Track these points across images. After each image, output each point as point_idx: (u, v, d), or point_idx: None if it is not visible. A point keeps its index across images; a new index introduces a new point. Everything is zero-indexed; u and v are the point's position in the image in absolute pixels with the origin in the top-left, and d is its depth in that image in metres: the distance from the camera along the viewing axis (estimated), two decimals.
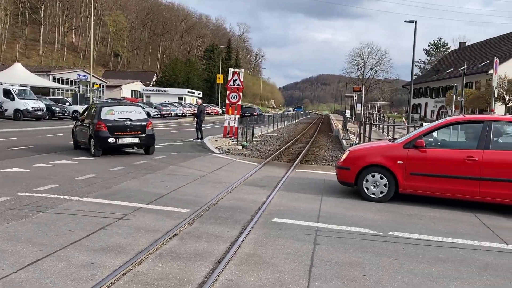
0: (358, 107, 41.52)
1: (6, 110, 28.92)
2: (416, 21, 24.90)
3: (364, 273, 4.37)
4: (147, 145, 13.00)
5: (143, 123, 12.67)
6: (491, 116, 7.68)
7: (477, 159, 7.08)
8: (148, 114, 42.59)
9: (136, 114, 12.82)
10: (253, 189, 8.41)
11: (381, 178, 7.69)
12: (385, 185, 7.69)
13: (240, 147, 16.68)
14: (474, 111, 47.06)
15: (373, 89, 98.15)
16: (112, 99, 50.51)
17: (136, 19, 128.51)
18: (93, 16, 54.83)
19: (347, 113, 47.38)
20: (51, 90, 49.82)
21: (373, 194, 7.77)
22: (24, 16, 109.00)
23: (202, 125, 19.66)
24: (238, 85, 20.20)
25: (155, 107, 44.35)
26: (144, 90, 72.46)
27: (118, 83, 76.35)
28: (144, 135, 12.57)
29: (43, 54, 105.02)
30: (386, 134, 24.59)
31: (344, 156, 8.39)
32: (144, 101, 61.99)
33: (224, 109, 67.85)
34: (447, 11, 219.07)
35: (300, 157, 14.39)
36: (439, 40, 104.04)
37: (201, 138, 19.01)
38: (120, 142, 12.25)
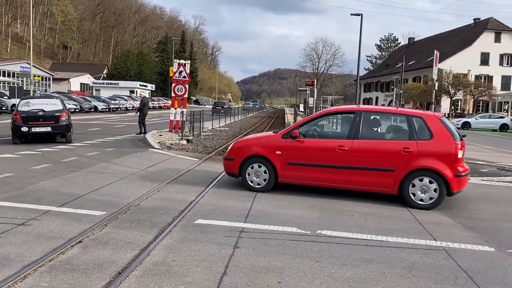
0: (311, 101, 41.75)
1: None
2: (362, 14, 25.03)
3: (281, 280, 3.98)
4: (62, 134, 14.22)
5: (56, 114, 13.75)
6: (361, 107, 7.83)
7: (346, 148, 7.17)
8: (95, 108, 40.94)
9: (50, 105, 14.06)
10: (185, 188, 7.89)
11: (261, 167, 7.77)
12: (265, 174, 7.76)
13: (185, 142, 16.05)
14: (422, 104, 48.59)
15: (327, 84, 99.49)
16: (57, 92, 48.12)
17: (86, 9, 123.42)
18: (32, 5, 52.00)
19: (301, 107, 47.58)
20: (16, 84, 46.77)
21: (257, 184, 7.80)
22: None
23: (146, 119, 18.83)
24: (184, 77, 19.50)
25: (103, 101, 42.51)
26: (93, 83, 69.77)
27: (66, 76, 73.04)
28: (57, 124, 13.71)
29: None
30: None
31: (229, 147, 8.48)
32: (94, 94, 59.60)
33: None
34: (398, 7, 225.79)
35: None
36: (390, 35, 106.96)
37: (144, 132, 18.19)
38: (32, 130, 13.43)
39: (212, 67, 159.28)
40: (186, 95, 19.55)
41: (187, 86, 19.60)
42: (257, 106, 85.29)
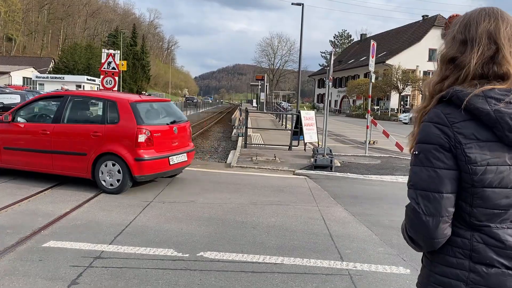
0: (262, 95, 40.88)
1: None
2: (302, 4, 24.20)
3: None
4: None
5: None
6: (70, 92, 8.37)
7: (48, 132, 7.09)
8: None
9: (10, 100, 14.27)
10: (67, 195, 6.56)
11: None
12: None
13: None
14: (373, 99, 48.86)
15: (283, 79, 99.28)
16: None
17: (32, 0, 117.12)
18: None
19: (254, 102, 46.68)
20: None
21: None
22: None
23: None
24: (114, 68, 17.88)
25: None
26: (37, 77, 65.77)
27: (7, 69, 68.62)
28: None
29: None
30: (281, 123, 23.87)
31: None
32: (37, 89, 56.08)
33: None
34: (353, 5, 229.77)
35: None
36: (344, 32, 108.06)
37: None
38: None
39: (168, 62, 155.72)
40: (116, 88, 17.97)
41: (117, 78, 18.02)
42: (211, 101, 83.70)
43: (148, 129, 6.76)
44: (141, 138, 6.68)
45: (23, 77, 68.61)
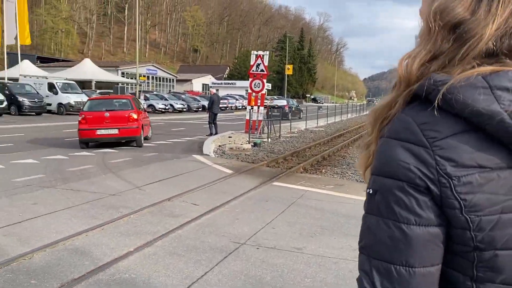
0: None
1: (50, 104, 28.55)
2: None
3: None
4: None
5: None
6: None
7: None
8: (203, 107, 40.70)
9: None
10: (142, 227, 5.33)
11: None
12: None
13: (249, 146, 13.53)
14: None
15: None
16: (174, 92, 49.95)
17: (214, 13, 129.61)
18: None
19: None
20: (120, 84, 50.41)
21: None
22: (111, 16, 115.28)
23: (217, 119, 16.79)
24: (262, 70, 16.98)
25: (184, 100, 41.17)
26: (212, 83, 71.57)
27: (189, 77, 76.61)
28: None
29: (127, 51, 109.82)
30: None
31: None
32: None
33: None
34: None
35: (306, 162, 10.85)
36: None
37: (215, 133, 16.16)
38: None
39: (336, 64, 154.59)
40: (264, 91, 17.01)
41: (265, 80, 17.05)
42: (375, 103, 79.22)
43: None
44: None
45: (202, 84, 75.54)
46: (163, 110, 35.79)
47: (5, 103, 24.84)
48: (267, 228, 5.14)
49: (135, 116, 12.30)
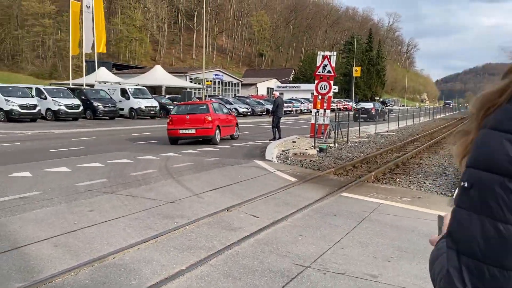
0: None
1: (122, 109, 29.71)
2: None
3: None
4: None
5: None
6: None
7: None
8: (267, 111, 40.38)
9: None
10: (196, 240, 4.90)
11: None
12: None
13: (314, 152, 12.85)
14: None
15: None
16: (238, 96, 50.37)
17: (280, 17, 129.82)
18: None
19: None
20: (188, 89, 51.78)
21: None
22: (181, 23, 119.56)
23: (280, 123, 16.24)
24: (329, 72, 16.21)
25: (248, 104, 41.00)
26: (277, 87, 71.37)
27: (254, 81, 77.04)
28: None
29: (195, 57, 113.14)
30: None
31: None
32: (272, 98, 60.61)
33: (356, 103, 62.50)
34: None
35: (378, 170, 9.95)
36: None
37: (279, 138, 15.65)
38: None
39: (406, 66, 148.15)
40: (331, 94, 16.22)
41: (332, 82, 16.26)
42: (450, 106, 74.75)
43: None
44: None
45: (267, 88, 75.60)
46: None
47: (81, 108, 26.20)
48: (335, 248, 4.49)
49: (209, 118, 14.21)
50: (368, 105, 33.01)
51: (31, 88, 26.10)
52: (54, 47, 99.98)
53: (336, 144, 15.05)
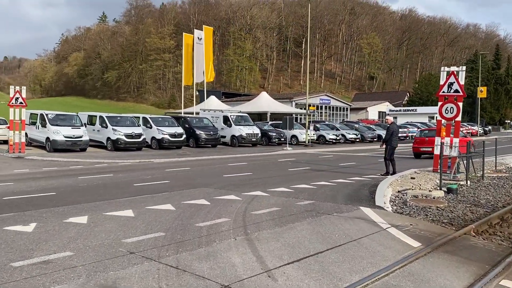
0: None
1: (224, 136, 29.10)
2: None
3: None
4: None
5: None
6: None
7: None
8: (379, 137, 36.71)
9: None
10: None
11: None
12: None
13: (441, 193, 9.88)
14: None
15: None
16: (346, 121, 47.47)
17: (392, 38, 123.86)
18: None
19: None
20: (294, 115, 50.41)
21: None
22: (289, 51, 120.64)
23: (394, 153, 13.37)
24: (457, 91, 13.05)
25: (357, 129, 37.32)
26: (390, 111, 66.60)
27: (364, 105, 73.11)
28: None
29: (303, 83, 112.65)
30: None
31: None
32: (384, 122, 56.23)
33: (483, 128, 54.84)
34: None
35: None
36: None
37: (393, 173, 12.84)
38: None
39: None
40: (459, 118, 12.98)
41: (460, 104, 13.03)
42: None
43: None
44: None
45: (378, 111, 71.03)
46: (333, 141, 33.42)
47: (184, 136, 26.01)
48: None
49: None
50: None
51: (139, 117, 26.67)
52: (172, 79, 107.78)
53: (469, 182, 11.79)
